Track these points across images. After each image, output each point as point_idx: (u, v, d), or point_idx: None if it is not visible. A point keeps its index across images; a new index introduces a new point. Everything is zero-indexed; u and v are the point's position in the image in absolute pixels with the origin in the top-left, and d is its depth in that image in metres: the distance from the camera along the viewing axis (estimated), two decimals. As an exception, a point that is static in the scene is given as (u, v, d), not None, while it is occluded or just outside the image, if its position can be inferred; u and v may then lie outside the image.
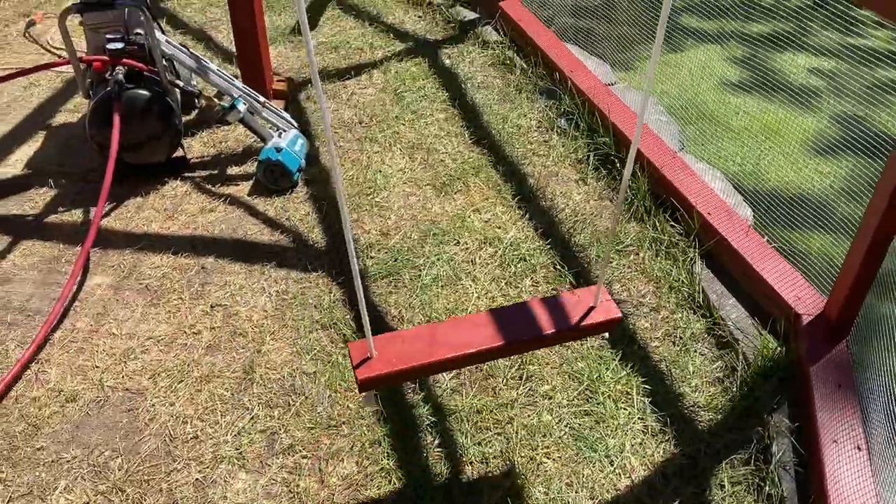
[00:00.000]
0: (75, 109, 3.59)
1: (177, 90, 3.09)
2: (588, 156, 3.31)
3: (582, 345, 2.48)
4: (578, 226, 2.97)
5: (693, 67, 3.82)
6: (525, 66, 3.91)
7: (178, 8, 4.56)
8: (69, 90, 3.74)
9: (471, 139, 3.45)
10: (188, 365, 2.41)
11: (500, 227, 2.96)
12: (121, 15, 2.90)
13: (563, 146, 3.39)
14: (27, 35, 4.26)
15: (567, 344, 2.46)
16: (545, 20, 4.13)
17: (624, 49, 3.84)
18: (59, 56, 4.00)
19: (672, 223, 2.91)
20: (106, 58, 2.85)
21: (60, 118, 3.55)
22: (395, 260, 2.81)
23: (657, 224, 2.92)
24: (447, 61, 4.05)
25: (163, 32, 3.06)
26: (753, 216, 2.87)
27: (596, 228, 2.96)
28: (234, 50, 3.72)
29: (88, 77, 3.00)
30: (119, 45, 2.83)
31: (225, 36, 4.25)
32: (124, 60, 2.86)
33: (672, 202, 2.94)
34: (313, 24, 4.37)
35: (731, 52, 3.94)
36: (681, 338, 2.52)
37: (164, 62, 2.98)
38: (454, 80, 3.88)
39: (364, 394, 1.83)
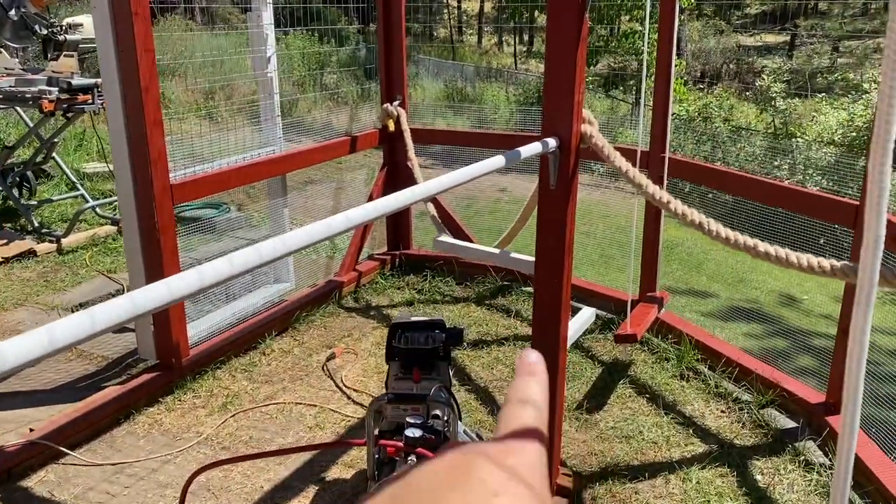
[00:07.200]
0: (350, 465, 3.47)
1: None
2: None
3: None
4: None
5: None
6: (866, 508, 3.16)
7: (467, 361, 4.55)
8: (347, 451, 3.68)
9: None
10: None
11: None
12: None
13: None
14: (325, 368, 4.45)
15: None
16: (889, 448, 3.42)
17: None
18: (350, 395, 4.06)
19: None
20: (400, 444, 2.70)
21: (335, 472, 3.44)
22: None
23: None
24: (759, 477, 3.43)
25: (459, 418, 2.89)
26: None
27: None
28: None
29: (376, 454, 2.85)
30: (417, 434, 2.68)
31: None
32: (418, 450, 2.68)
33: None
34: (601, 404, 4.05)
35: None
36: None
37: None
38: (769, 507, 3.23)
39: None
